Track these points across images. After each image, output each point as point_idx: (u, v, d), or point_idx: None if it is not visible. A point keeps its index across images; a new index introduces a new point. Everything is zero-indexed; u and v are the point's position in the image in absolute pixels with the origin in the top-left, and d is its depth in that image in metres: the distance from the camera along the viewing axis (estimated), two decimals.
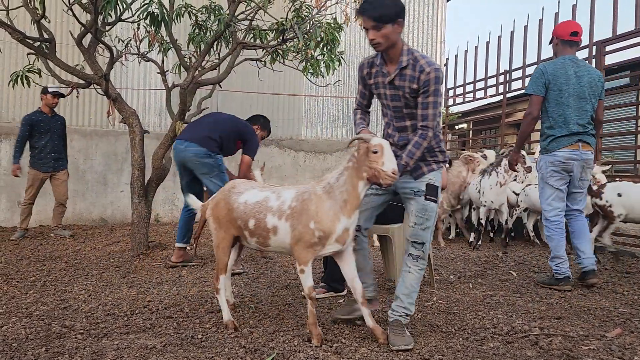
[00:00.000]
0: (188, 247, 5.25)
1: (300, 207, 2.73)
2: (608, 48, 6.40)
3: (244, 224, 2.89)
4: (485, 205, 6.00)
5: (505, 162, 5.72)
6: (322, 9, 5.25)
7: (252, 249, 3.08)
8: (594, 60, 6.48)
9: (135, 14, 4.34)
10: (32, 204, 6.54)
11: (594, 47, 6.49)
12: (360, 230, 3.01)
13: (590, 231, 5.30)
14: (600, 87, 4.15)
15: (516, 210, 6.33)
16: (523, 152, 5.29)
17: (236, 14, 5.31)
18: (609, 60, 6.56)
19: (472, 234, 6.43)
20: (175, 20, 5.49)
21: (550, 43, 4.36)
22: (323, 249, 2.72)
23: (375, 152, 2.61)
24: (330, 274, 3.80)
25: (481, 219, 6.13)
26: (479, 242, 6.14)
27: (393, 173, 2.57)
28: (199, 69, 5.50)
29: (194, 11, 5.80)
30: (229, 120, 4.77)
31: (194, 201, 3.33)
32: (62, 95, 6.49)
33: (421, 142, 2.74)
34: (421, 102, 2.74)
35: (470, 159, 6.69)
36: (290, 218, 2.74)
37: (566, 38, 4.16)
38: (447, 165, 3.13)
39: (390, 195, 3.03)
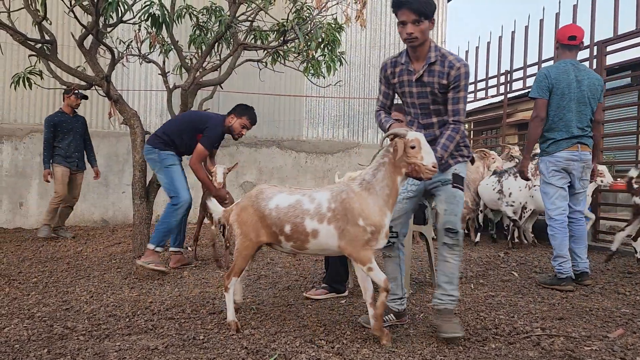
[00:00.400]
0: (189, 249, 5.25)
1: (342, 207, 2.69)
2: (609, 48, 6.40)
3: (279, 230, 2.80)
4: (512, 206, 6.06)
5: (533, 164, 5.70)
6: (323, 9, 5.25)
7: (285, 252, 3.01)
8: (594, 60, 6.48)
9: (136, 15, 4.35)
10: (63, 202, 6.47)
11: (595, 47, 6.49)
12: (398, 236, 3.03)
13: (623, 229, 5.23)
14: (600, 90, 4.22)
15: (525, 212, 6.28)
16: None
17: (237, 15, 5.32)
18: (610, 60, 6.56)
19: (478, 234, 6.47)
20: (176, 22, 5.50)
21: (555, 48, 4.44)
22: (377, 244, 2.71)
23: (413, 147, 2.61)
24: (331, 275, 3.80)
25: (510, 216, 6.17)
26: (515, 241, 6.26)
27: (433, 167, 2.59)
28: (200, 70, 5.52)
29: (194, 12, 5.82)
30: (184, 115, 4.81)
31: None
32: (86, 97, 6.51)
33: (454, 135, 2.79)
34: (452, 97, 2.79)
35: (486, 154, 6.72)
36: (334, 220, 2.70)
37: (565, 42, 4.23)
38: (470, 163, 3.16)
39: (420, 196, 3.05)
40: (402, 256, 3.11)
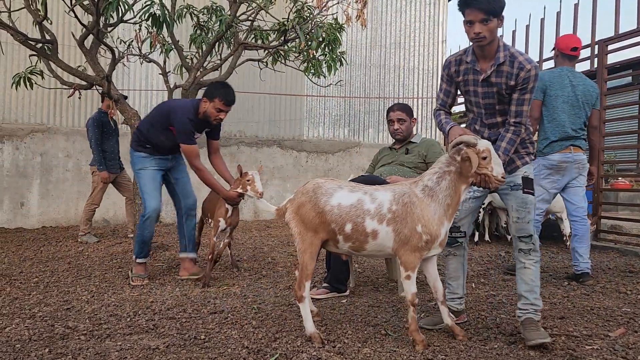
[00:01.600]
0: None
1: (403, 210, 2.64)
2: (610, 47, 6.39)
3: (340, 228, 2.69)
4: None
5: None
6: (324, 9, 5.25)
7: (342, 252, 2.91)
8: (595, 59, 6.47)
9: (137, 15, 4.35)
10: (98, 207, 6.35)
11: (596, 46, 6.48)
12: (465, 235, 3.02)
13: None
14: (595, 96, 4.36)
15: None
16: None
17: (238, 14, 5.32)
18: (611, 59, 6.55)
19: (477, 234, 6.48)
20: (177, 21, 5.50)
21: (552, 50, 4.59)
22: (428, 253, 2.70)
23: (484, 158, 2.57)
24: (333, 275, 3.80)
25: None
26: None
27: (502, 177, 2.58)
28: (201, 69, 5.52)
29: (195, 12, 5.81)
30: (156, 107, 4.31)
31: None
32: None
33: (515, 138, 2.74)
34: (517, 99, 2.71)
35: None
36: (393, 222, 2.64)
37: (567, 52, 4.39)
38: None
39: (485, 196, 3.04)
40: (466, 255, 3.11)
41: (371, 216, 2.66)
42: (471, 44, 2.79)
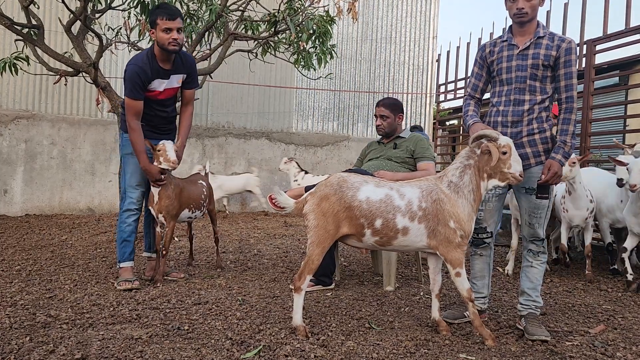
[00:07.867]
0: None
1: (433, 207, 2.64)
2: (598, 47, 6.44)
3: (369, 223, 2.65)
4: None
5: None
6: (315, 1, 5.23)
7: (355, 247, 2.88)
8: (584, 59, 6.52)
9: (125, 1, 4.29)
10: None
11: (585, 46, 6.53)
12: (492, 236, 3.04)
13: None
14: None
15: None
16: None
17: (228, 4, 5.27)
18: (599, 59, 6.61)
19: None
20: None
21: None
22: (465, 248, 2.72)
23: (504, 153, 2.60)
24: (319, 268, 3.79)
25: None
26: None
27: (520, 176, 2.61)
28: None
29: (185, 0, 5.75)
30: None
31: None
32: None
33: (569, 116, 2.79)
34: (564, 73, 2.79)
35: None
36: (424, 220, 2.64)
37: None
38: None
39: (506, 194, 3.06)
40: (492, 255, 3.12)
41: (402, 213, 2.65)
42: (509, 26, 2.94)
